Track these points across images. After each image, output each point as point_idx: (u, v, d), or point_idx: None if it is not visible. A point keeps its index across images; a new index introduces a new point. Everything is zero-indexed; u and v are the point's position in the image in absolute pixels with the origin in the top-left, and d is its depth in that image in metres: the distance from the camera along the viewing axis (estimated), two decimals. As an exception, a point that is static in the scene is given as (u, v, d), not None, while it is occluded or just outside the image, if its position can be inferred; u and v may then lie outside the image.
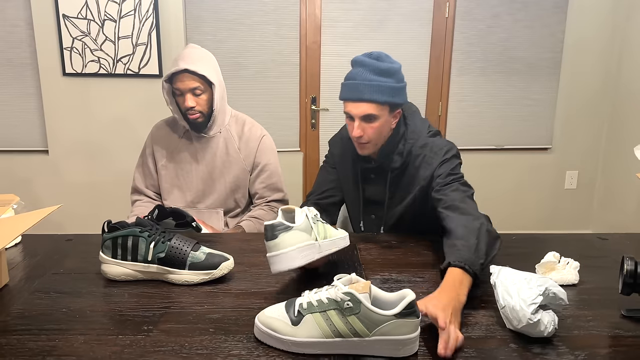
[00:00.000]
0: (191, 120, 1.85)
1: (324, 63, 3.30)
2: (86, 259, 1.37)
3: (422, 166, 1.53)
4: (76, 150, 3.23)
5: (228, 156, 1.93)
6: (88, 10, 3.01)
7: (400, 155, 1.55)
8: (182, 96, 1.81)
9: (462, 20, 3.28)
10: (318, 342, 0.95)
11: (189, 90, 1.79)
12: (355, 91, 1.44)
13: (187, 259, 1.22)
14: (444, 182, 1.46)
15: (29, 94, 3.18)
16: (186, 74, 1.78)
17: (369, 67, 1.43)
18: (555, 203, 3.57)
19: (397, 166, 1.56)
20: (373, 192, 1.64)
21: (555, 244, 1.50)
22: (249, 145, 1.95)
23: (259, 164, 1.96)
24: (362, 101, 1.44)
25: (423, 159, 1.53)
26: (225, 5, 3.16)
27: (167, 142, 1.96)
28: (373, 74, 1.43)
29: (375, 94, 1.42)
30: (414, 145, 1.54)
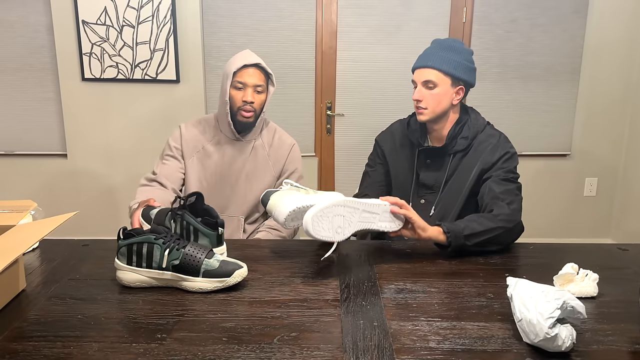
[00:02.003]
0: (242, 119, 1.83)
1: (339, 68, 3.30)
2: (102, 264, 1.38)
3: (487, 151, 1.64)
4: (94, 155, 3.28)
5: (257, 163, 1.93)
6: (107, 16, 3.06)
7: (466, 139, 1.67)
8: (244, 90, 1.81)
9: (479, 25, 3.25)
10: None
11: (252, 86, 1.81)
12: (422, 60, 1.65)
13: (201, 267, 1.22)
14: (505, 176, 1.59)
15: (49, 99, 3.23)
16: (255, 69, 1.82)
17: (441, 44, 1.64)
18: (574, 211, 3.51)
19: (462, 149, 1.67)
20: (427, 177, 1.73)
21: (573, 255, 1.48)
22: (279, 153, 1.95)
23: (287, 171, 1.97)
24: (426, 67, 1.62)
25: (489, 146, 1.65)
26: (242, 11, 3.17)
27: (196, 143, 1.92)
28: (441, 49, 1.63)
29: (437, 62, 1.61)
30: (480, 132, 1.68)
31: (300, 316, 1.11)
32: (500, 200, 1.52)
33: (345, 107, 3.36)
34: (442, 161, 1.71)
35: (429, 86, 1.63)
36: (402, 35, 3.26)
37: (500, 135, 1.69)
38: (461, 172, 1.67)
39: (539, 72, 3.32)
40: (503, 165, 1.62)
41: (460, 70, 1.62)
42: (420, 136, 1.74)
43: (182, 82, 3.19)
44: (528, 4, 3.22)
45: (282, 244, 1.59)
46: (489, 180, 1.60)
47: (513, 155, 1.65)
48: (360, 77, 3.31)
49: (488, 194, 1.56)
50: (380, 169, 1.83)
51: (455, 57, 1.62)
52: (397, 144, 1.80)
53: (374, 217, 1.34)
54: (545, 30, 3.26)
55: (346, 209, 1.29)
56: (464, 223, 1.43)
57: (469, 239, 1.41)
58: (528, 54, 3.29)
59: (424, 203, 1.74)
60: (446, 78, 1.62)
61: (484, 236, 1.43)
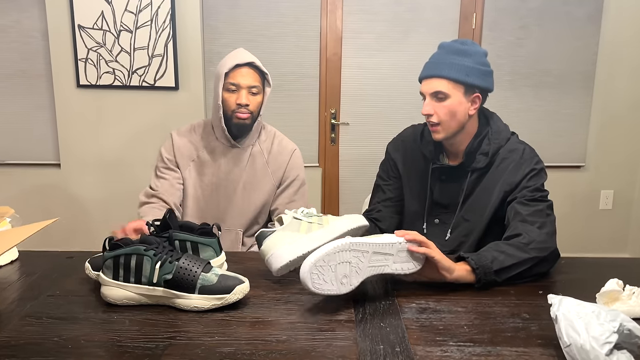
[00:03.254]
0: (238, 120, 1.69)
1: (344, 76, 3.18)
2: (86, 279, 1.24)
3: (509, 171, 1.45)
4: (89, 164, 3.14)
5: (255, 171, 1.78)
6: (104, 21, 2.94)
7: (485, 155, 1.46)
8: (237, 92, 1.67)
9: (489, 31, 3.14)
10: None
11: (246, 87, 1.68)
12: (429, 68, 1.44)
13: (197, 282, 1.07)
14: (532, 196, 1.40)
15: (42, 106, 3.10)
16: (248, 69, 1.68)
17: (448, 48, 1.44)
18: (589, 224, 3.36)
19: (481, 167, 1.46)
20: (442, 195, 1.53)
21: (610, 269, 1.33)
22: (279, 159, 1.81)
23: (288, 178, 1.82)
24: (433, 77, 1.42)
25: (512, 163, 1.45)
26: (244, 17, 3.06)
27: (190, 152, 1.78)
28: (450, 53, 1.42)
29: (445, 70, 1.40)
30: (501, 147, 1.47)
31: (310, 340, 0.97)
32: (529, 224, 1.32)
33: (351, 116, 3.23)
34: (458, 179, 1.50)
35: (439, 97, 1.41)
36: (409, 42, 3.14)
37: (525, 149, 1.47)
38: (481, 191, 1.48)
39: (552, 80, 3.20)
40: (528, 183, 1.41)
41: (473, 75, 1.40)
42: (434, 150, 1.54)
43: (182, 89, 3.06)
44: (539, 10, 3.11)
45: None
46: (514, 202, 1.40)
47: (539, 171, 1.44)
48: (366, 84, 3.19)
49: (515, 217, 1.36)
50: (395, 184, 1.63)
51: (466, 61, 1.40)
52: (409, 155, 1.61)
53: (387, 259, 1.11)
54: (557, 36, 3.15)
55: (353, 253, 1.07)
56: (491, 254, 1.22)
57: (499, 274, 1.21)
58: (540, 61, 3.17)
59: (438, 223, 1.55)
60: (458, 87, 1.40)
61: (516, 269, 1.23)
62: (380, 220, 1.60)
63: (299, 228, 1.23)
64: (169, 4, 2.93)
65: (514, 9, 3.11)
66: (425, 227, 1.57)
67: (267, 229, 1.24)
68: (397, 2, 3.09)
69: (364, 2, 3.09)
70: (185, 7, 2.98)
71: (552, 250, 1.32)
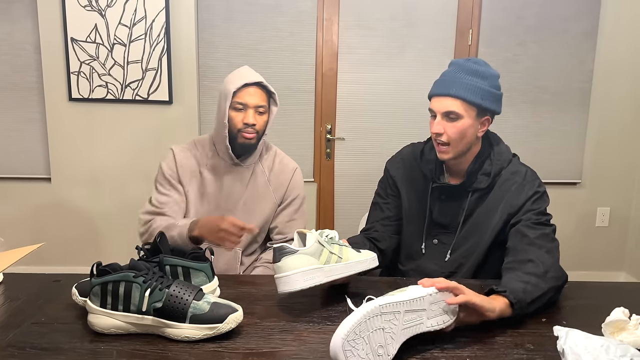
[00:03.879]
0: (244, 140, 1.65)
1: (340, 91, 3.15)
2: (73, 304, 1.18)
3: (512, 193, 1.42)
4: (80, 179, 3.09)
5: (256, 190, 1.75)
6: (97, 34, 2.91)
7: (487, 175, 1.44)
8: (244, 111, 1.64)
9: (486, 48, 3.14)
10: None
11: (254, 107, 1.64)
12: (442, 86, 1.40)
13: (188, 310, 1.03)
14: (537, 219, 1.37)
15: (33, 120, 3.05)
16: (256, 88, 1.65)
17: (462, 66, 1.40)
18: (585, 242, 3.34)
19: (483, 187, 1.44)
20: (442, 215, 1.50)
21: (615, 295, 1.30)
22: (281, 178, 1.77)
23: (289, 197, 1.79)
24: (447, 96, 1.38)
25: (514, 185, 1.43)
26: (239, 31, 3.04)
27: (193, 168, 1.74)
28: (464, 72, 1.38)
29: (461, 91, 1.36)
30: (503, 168, 1.45)
31: (307, 374, 0.92)
32: (537, 248, 1.30)
33: (346, 131, 3.20)
34: (459, 199, 1.47)
35: (451, 117, 1.37)
36: (405, 58, 3.13)
37: (527, 172, 1.45)
38: (483, 212, 1.45)
39: (548, 97, 3.19)
40: (532, 207, 1.39)
41: (487, 98, 1.37)
42: (434, 169, 1.51)
43: (175, 103, 3.03)
44: (536, 27, 3.11)
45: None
46: (519, 224, 1.37)
47: (542, 194, 1.42)
48: (362, 100, 3.17)
49: (522, 240, 1.33)
50: (393, 202, 1.59)
51: (481, 84, 1.37)
52: (409, 174, 1.57)
53: (421, 315, 1.00)
54: (554, 53, 3.14)
55: (384, 317, 0.94)
56: (519, 285, 1.16)
57: (530, 306, 1.16)
58: (537, 78, 3.17)
59: (437, 244, 1.52)
60: (471, 108, 1.37)
61: (542, 301, 1.19)
62: (378, 240, 1.56)
63: (319, 256, 1.18)
64: (164, 18, 2.91)
65: (511, 25, 3.11)
66: (424, 248, 1.53)
67: (288, 246, 1.16)
68: (393, 17, 3.08)
69: (360, 18, 3.08)
70: (180, 21, 2.95)
71: (565, 278, 1.30)
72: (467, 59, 1.43)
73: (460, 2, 3.09)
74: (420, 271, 1.51)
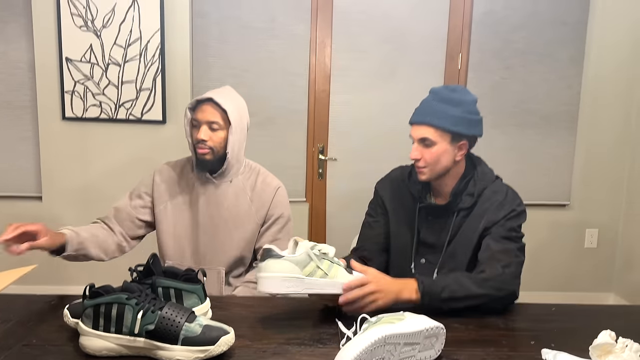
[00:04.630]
0: (198, 155, 1.68)
1: (332, 112, 3.20)
2: (64, 326, 1.18)
3: (492, 209, 1.48)
4: (72, 198, 3.08)
5: (238, 209, 1.75)
6: (92, 54, 2.94)
7: (471, 195, 1.50)
8: (198, 127, 1.68)
9: (475, 72, 3.20)
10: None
11: (206, 122, 1.66)
12: (417, 114, 1.49)
13: (180, 333, 1.03)
14: (506, 234, 1.44)
15: (26, 138, 3.06)
16: (209, 105, 1.67)
17: (437, 94, 1.47)
18: (574, 263, 3.37)
19: (467, 206, 1.49)
20: (429, 235, 1.55)
21: (603, 318, 1.32)
22: (263, 197, 1.77)
23: (272, 216, 1.78)
24: (421, 124, 1.46)
25: (495, 203, 1.49)
26: (234, 52, 3.08)
27: (171, 186, 1.78)
28: (438, 101, 1.45)
29: (435, 119, 1.44)
30: (487, 187, 1.51)
31: (298, 397, 0.93)
32: (495, 261, 1.37)
33: (338, 152, 3.24)
34: (445, 219, 1.53)
35: (426, 143, 1.46)
36: (396, 80, 3.18)
37: (508, 191, 1.52)
38: (465, 231, 1.51)
39: (536, 120, 3.25)
40: (506, 223, 1.46)
41: (461, 124, 1.43)
42: (421, 190, 1.57)
43: (169, 122, 3.05)
44: (523, 51, 3.18)
45: (273, 302, 1.40)
46: (487, 236, 1.45)
47: (520, 213, 1.48)
48: (354, 121, 3.21)
49: (484, 252, 1.42)
50: (383, 221, 1.64)
51: (454, 111, 1.42)
52: (397, 195, 1.63)
53: (414, 348, 1.04)
54: (541, 77, 3.21)
55: (387, 347, 0.99)
56: (444, 282, 1.30)
57: (446, 302, 1.27)
58: (525, 101, 3.23)
59: (425, 263, 1.56)
60: (444, 135, 1.44)
61: (465, 302, 1.29)
62: (369, 258, 1.59)
63: (304, 266, 1.18)
64: (159, 39, 2.94)
65: (499, 49, 3.18)
66: (413, 267, 1.57)
67: (276, 249, 1.18)
68: (385, 41, 3.14)
69: (352, 41, 3.14)
70: (175, 42, 2.99)
71: (509, 292, 1.35)
72: (446, 87, 1.49)
73: (450, 27, 3.16)
74: None
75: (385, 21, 3.13)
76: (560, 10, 3.16)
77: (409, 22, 3.14)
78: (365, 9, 3.11)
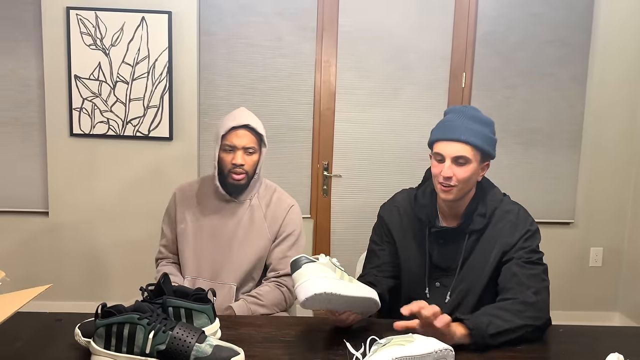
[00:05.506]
0: (233, 181, 1.74)
1: (337, 129, 3.22)
2: (74, 345, 1.19)
3: (506, 231, 1.47)
4: (78, 214, 3.10)
5: (253, 225, 1.80)
6: (100, 72, 2.98)
7: (483, 216, 1.49)
8: (233, 152, 1.73)
9: (478, 90, 3.23)
10: None
11: (242, 148, 1.72)
12: (452, 131, 1.43)
13: (190, 353, 1.04)
14: (529, 258, 1.42)
15: (34, 154, 3.08)
16: (244, 130, 1.73)
17: (466, 114, 1.45)
18: (579, 282, 3.36)
19: (479, 228, 1.48)
20: (441, 258, 1.53)
21: (610, 340, 1.32)
22: (276, 214, 1.82)
23: (283, 233, 1.82)
24: (458, 141, 1.42)
25: (508, 224, 1.48)
26: (240, 70, 3.12)
27: (190, 206, 1.84)
28: (470, 120, 1.44)
29: (471, 137, 1.41)
30: (498, 208, 1.50)
31: (309, 419, 0.93)
32: (526, 288, 1.35)
33: (343, 169, 3.26)
34: (456, 241, 1.51)
35: (460, 162, 1.42)
36: (401, 99, 3.21)
37: (520, 210, 1.51)
38: (479, 253, 1.49)
39: (540, 138, 3.27)
40: (524, 244, 1.44)
41: (491, 145, 1.45)
42: (429, 212, 1.55)
43: (176, 140, 3.08)
44: (526, 71, 3.21)
45: (280, 322, 1.41)
46: (510, 262, 1.43)
47: (535, 232, 1.47)
48: (358, 138, 3.24)
49: (512, 279, 1.39)
50: (389, 249, 1.62)
51: (486, 131, 1.44)
52: (404, 220, 1.61)
53: None
54: (544, 96, 3.24)
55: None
56: (487, 318, 1.26)
57: (494, 338, 1.23)
58: (528, 120, 3.25)
59: (439, 286, 1.55)
60: (477, 153, 1.43)
61: (510, 335, 1.26)
62: (375, 284, 1.55)
63: (335, 271, 1.20)
64: (167, 57, 2.98)
65: (502, 69, 3.21)
66: (428, 292, 1.56)
67: (307, 256, 1.18)
68: (389, 60, 3.18)
69: (357, 60, 3.17)
70: (183, 60, 3.03)
71: (546, 319, 1.34)
72: (465, 107, 1.49)
73: (454, 46, 3.20)
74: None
75: (390, 41, 3.17)
76: (562, 30, 3.19)
77: (413, 42, 3.18)
78: (370, 29, 3.15)
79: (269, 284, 1.78)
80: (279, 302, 1.76)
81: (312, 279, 1.13)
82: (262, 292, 1.75)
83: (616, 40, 3.17)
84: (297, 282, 1.15)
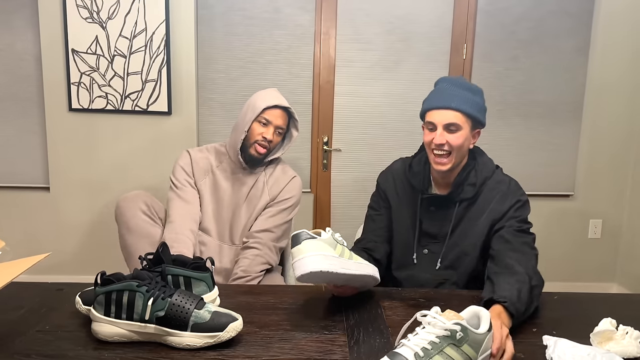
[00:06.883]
0: (255, 153, 1.86)
1: (337, 103, 3.20)
2: (77, 313, 1.21)
3: (496, 201, 1.50)
4: (79, 188, 3.11)
5: (256, 190, 1.92)
6: (98, 46, 2.95)
7: (473, 186, 1.52)
8: (266, 127, 1.85)
9: (480, 62, 3.19)
10: None
11: (276, 126, 1.86)
12: (442, 100, 1.47)
13: (189, 319, 1.06)
14: (519, 227, 1.45)
15: (33, 130, 3.08)
16: (283, 111, 1.87)
17: (455, 83, 1.49)
18: (578, 253, 3.38)
19: (469, 197, 1.51)
20: (431, 225, 1.57)
21: (604, 306, 1.33)
22: (279, 181, 1.95)
23: (281, 197, 1.93)
24: (449, 109, 1.45)
25: (498, 194, 1.51)
26: (238, 44, 3.09)
27: (206, 166, 1.94)
28: (460, 88, 1.47)
29: (462, 104, 1.45)
30: (489, 178, 1.53)
31: (305, 381, 0.95)
32: (520, 254, 1.38)
33: (343, 143, 3.25)
34: (447, 209, 1.55)
35: (451, 129, 1.46)
36: (401, 71, 3.18)
37: (510, 182, 1.55)
38: (468, 221, 1.53)
39: (541, 110, 3.25)
40: (515, 214, 1.48)
41: (481, 112, 1.49)
42: (422, 180, 1.59)
43: (174, 114, 3.07)
44: (528, 42, 3.17)
45: (279, 290, 1.43)
46: (502, 230, 1.46)
47: (525, 203, 1.51)
48: (358, 112, 3.22)
49: (505, 246, 1.41)
50: (385, 214, 1.66)
51: (475, 98, 1.48)
52: (399, 187, 1.65)
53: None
54: (546, 68, 3.21)
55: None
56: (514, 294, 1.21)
57: (524, 315, 1.22)
58: (529, 92, 3.23)
59: (427, 253, 1.59)
60: (469, 121, 1.47)
61: (529, 311, 1.25)
62: (373, 250, 1.60)
63: (335, 248, 1.21)
64: (164, 30, 2.95)
65: (504, 40, 3.17)
66: (415, 258, 1.60)
67: (307, 232, 1.19)
68: (390, 32, 3.14)
69: (356, 32, 3.14)
70: (180, 33, 3.00)
71: (543, 284, 1.36)
72: (458, 77, 1.55)
73: (455, 17, 3.16)
74: (413, 280, 1.58)
75: (390, 12, 3.13)
76: (565, 0, 3.15)
77: (414, 13, 3.13)
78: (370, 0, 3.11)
79: (247, 255, 1.83)
80: (265, 262, 1.83)
81: (309, 257, 1.14)
82: (245, 265, 1.80)
83: (620, 9, 3.12)
84: (295, 258, 1.16)
